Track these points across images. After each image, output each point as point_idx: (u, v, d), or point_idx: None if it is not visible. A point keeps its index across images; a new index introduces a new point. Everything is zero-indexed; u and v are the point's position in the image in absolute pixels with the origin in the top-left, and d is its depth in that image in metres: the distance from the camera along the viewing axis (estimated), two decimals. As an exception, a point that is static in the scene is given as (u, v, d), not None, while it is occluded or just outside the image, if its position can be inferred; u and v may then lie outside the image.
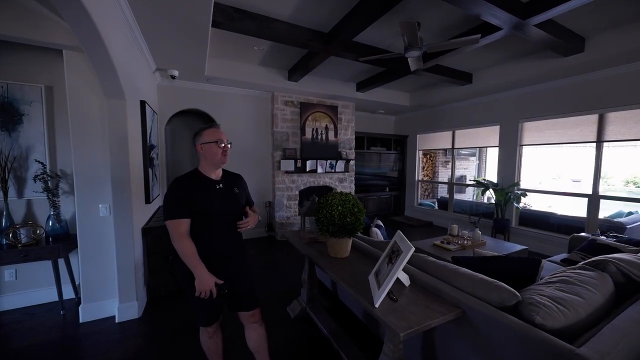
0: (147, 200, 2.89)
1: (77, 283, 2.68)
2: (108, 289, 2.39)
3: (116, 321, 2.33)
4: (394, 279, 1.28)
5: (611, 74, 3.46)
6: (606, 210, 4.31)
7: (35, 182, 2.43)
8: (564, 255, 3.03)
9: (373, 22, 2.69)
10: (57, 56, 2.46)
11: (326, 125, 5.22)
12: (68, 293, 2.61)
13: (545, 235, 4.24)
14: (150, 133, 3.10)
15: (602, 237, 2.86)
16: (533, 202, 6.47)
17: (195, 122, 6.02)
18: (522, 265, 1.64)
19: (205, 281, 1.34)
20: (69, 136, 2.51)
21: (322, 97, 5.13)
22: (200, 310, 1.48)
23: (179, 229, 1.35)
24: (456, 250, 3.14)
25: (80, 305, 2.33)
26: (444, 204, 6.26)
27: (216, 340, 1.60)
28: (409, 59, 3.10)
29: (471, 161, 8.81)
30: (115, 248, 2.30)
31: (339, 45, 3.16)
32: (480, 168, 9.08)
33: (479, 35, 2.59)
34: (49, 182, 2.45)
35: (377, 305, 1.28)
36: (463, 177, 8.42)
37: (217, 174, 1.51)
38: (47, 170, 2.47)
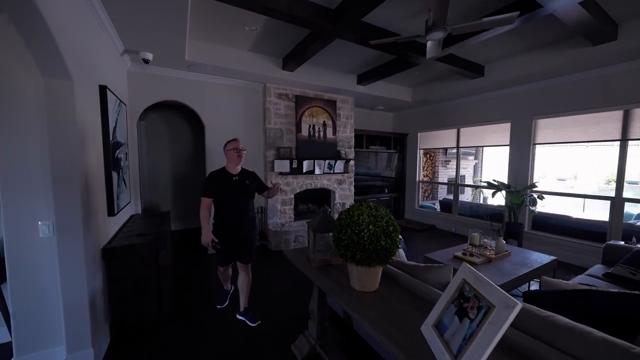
0: (111, 212, 2.29)
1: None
2: (52, 334, 1.79)
3: (64, 377, 1.74)
4: (488, 352, 0.81)
5: (641, 65, 3.17)
6: (597, 210, 4.05)
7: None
8: (600, 267, 2.69)
9: (391, -5, 2.22)
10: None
11: (324, 121, 4.72)
12: (1, 335, 1.99)
13: (564, 241, 3.93)
14: (115, 127, 2.50)
15: (644, 247, 2.54)
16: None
17: (175, 117, 5.35)
18: (623, 302, 1.22)
19: (206, 237, 2.17)
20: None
21: (319, 90, 4.62)
22: (220, 257, 2.32)
23: (205, 203, 2.18)
24: (481, 263, 2.74)
25: (12, 359, 1.72)
26: (446, 206, 5.92)
27: (227, 272, 2.53)
28: (428, 43, 2.64)
29: (469, 160, 8.58)
30: (60, 280, 1.71)
31: (346, 25, 2.67)
32: (476, 168, 8.89)
33: (517, 13, 2.17)
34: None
35: (459, 394, 0.81)
36: (462, 178, 8.18)
37: (236, 170, 2.28)
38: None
